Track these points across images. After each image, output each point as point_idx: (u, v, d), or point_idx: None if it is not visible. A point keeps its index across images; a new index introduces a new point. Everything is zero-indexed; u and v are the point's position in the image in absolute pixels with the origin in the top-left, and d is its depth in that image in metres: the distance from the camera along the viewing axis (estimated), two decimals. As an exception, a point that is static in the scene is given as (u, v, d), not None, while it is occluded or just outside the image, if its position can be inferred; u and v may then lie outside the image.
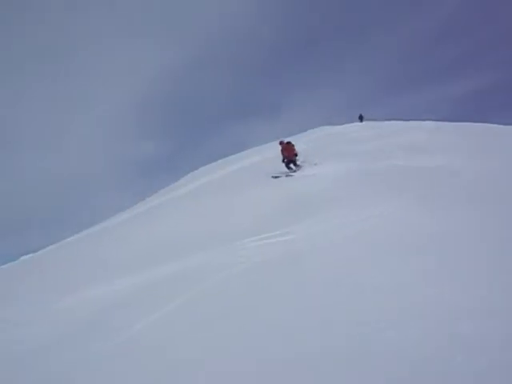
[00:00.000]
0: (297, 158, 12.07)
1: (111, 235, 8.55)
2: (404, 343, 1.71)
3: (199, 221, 6.04)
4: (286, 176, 11.21)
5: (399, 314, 2.00)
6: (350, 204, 5.16)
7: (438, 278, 2.42)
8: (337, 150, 13.01)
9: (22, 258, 10.06)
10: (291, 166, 12.03)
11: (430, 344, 1.67)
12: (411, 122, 21.85)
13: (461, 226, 3.43)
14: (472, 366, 1.43)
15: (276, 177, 11.28)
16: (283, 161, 12.13)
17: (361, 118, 27.45)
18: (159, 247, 4.83)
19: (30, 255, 10.12)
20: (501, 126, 14.45)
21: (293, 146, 12.16)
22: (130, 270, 3.96)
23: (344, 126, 22.86)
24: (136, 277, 3.53)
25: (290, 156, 12.00)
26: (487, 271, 2.39)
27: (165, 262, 3.83)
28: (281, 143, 12.43)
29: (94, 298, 3.34)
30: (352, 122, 25.51)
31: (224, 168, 14.48)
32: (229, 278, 2.76)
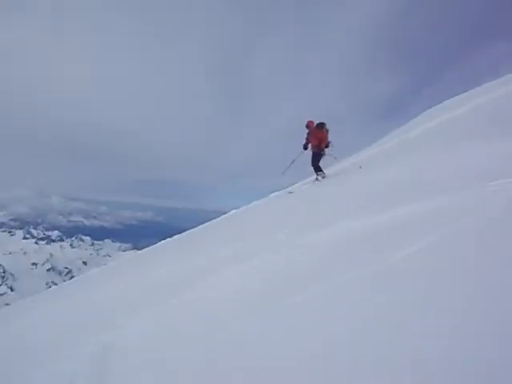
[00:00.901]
0: (326, 150, 8.46)
1: (358, 175, 7.79)
2: None
3: (442, 163, 5.49)
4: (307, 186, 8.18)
5: None
6: None
7: None
8: None
9: (272, 194, 10.21)
10: (319, 165, 8.53)
11: None
12: None
13: None
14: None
15: (291, 192, 8.39)
16: (305, 147, 8.60)
17: None
18: (405, 187, 4.71)
19: (277, 193, 10.07)
20: None
21: (326, 130, 8.38)
22: (377, 207, 3.94)
23: None
24: (384, 215, 3.53)
25: (319, 146, 8.38)
26: None
27: (413, 202, 3.70)
28: (309, 125, 8.51)
29: (342, 232, 3.42)
30: None
31: (451, 111, 10.63)
32: (480, 220, 2.55)
